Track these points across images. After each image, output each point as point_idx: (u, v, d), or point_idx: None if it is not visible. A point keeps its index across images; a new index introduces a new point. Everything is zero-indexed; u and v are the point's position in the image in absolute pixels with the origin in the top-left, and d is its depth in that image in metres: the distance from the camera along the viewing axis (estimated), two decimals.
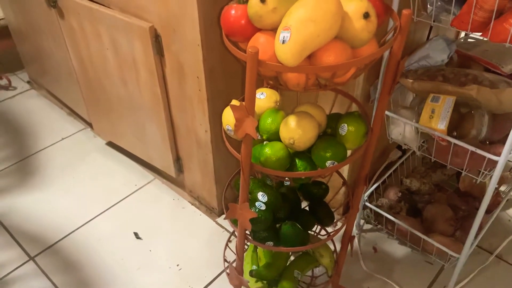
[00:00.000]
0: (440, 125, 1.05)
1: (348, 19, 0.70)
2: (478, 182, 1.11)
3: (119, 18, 1.27)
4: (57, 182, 1.72)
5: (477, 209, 1.12)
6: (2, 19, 2.12)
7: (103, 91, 1.59)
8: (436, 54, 1.16)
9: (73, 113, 2.06)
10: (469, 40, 1.36)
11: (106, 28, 1.34)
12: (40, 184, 1.71)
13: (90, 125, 1.93)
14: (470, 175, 1.14)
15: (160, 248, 1.46)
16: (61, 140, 1.93)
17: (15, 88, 2.27)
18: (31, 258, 1.43)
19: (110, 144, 1.88)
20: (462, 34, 1.55)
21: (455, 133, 1.13)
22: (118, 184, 1.70)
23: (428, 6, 1.05)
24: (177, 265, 1.41)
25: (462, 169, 1.13)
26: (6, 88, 2.26)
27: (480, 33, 0.93)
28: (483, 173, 1.09)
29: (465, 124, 1.11)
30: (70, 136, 1.95)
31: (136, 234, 1.51)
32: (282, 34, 0.67)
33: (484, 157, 1.03)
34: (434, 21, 1.03)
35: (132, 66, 1.37)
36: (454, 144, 1.06)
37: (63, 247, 1.47)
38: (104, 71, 1.50)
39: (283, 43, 0.67)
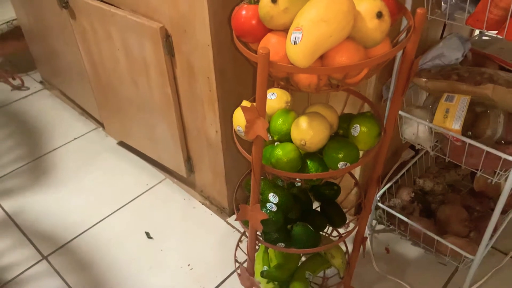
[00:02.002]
0: (454, 125, 1.04)
1: (360, 19, 0.69)
2: (493, 182, 1.09)
3: (130, 19, 1.27)
4: (69, 181, 1.73)
5: (492, 209, 1.10)
6: (15, 19, 2.14)
7: (114, 91, 1.60)
8: (451, 52, 1.14)
9: (85, 113, 2.07)
10: (483, 38, 1.34)
11: (117, 28, 1.35)
12: (53, 184, 1.73)
13: (101, 125, 1.94)
14: (485, 175, 1.12)
15: (171, 248, 1.47)
16: (73, 140, 1.94)
17: (28, 88, 2.29)
18: (44, 258, 1.45)
19: (122, 144, 1.89)
20: (477, 32, 1.52)
21: (470, 133, 1.11)
22: (130, 183, 1.71)
23: (442, 4, 1.03)
24: (188, 265, 1.41)
25: (477, 170, 1.12)
26: (19, 88, 2.29)
27: (496, 32, 0.92)
28: (498, 173, 1.07)
29: (480, 124, 1.09)
30: (82, 136, 1.96)
31: (147, 234, 1.51)
32: (293, 35, 0.66)
33: (500, 157, 1.01)
34: (448, 19, 1.01)
35: (142, 67, 1.37)
36: (469, 144, 1.05)
37: (75, 247, 1.48)
38: (115, 71, 1.51)
39: (294, 43, 0.66)
